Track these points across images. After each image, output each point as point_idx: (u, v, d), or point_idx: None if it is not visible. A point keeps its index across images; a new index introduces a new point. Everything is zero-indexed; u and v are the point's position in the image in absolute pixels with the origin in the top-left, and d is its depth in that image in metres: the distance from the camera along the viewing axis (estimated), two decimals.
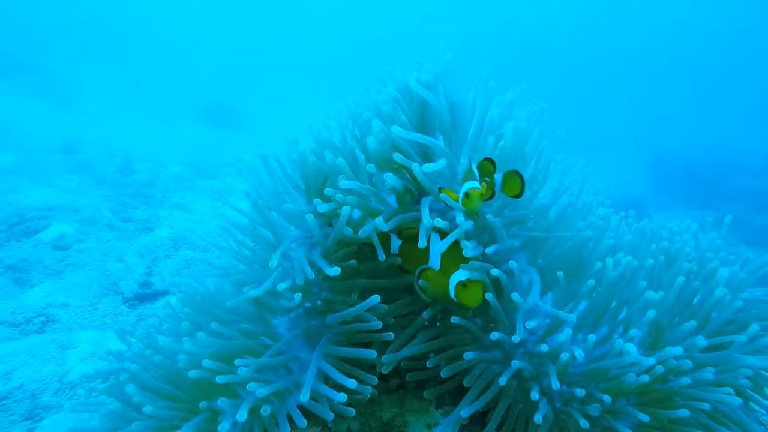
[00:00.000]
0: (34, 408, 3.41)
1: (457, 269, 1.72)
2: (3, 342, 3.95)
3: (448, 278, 1.71)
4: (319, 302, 1.79)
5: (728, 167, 14.15)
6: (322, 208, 1.77)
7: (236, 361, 1.51)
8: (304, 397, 1.56)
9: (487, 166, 1.74)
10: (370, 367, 1.81)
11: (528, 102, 2.01)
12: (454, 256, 1.75)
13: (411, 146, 1.80)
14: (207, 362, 1.45)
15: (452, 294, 1.69)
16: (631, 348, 1.52)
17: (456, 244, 1.75)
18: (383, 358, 1.81)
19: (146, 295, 4.92)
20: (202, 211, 6.61)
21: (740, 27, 28.06)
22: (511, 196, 1.73)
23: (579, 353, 1.56)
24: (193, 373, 1.45)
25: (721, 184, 13.28)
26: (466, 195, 1.66)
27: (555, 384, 1.54)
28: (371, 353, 1.76)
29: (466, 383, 1.72)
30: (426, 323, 1.87)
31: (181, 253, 5.53)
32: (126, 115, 10.78)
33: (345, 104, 1.98)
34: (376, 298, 1.74)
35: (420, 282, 1.80)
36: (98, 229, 5.86)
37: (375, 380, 1.75)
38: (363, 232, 1.76)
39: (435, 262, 1.76)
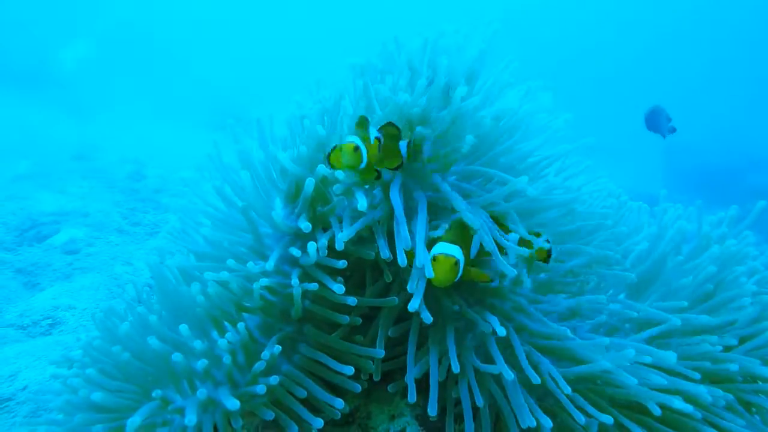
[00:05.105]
0: (37, 410, 3.41)
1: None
2: (9, 344, 3.97)
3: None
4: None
5: (747, 162, 13.81)
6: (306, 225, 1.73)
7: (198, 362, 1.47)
8: None
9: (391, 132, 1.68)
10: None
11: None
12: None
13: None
14: (177, 355, 1.42)
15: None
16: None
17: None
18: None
19: None
20: None
21: (757, 16, 27.45)
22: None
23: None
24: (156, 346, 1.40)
25: (740, 180, 12.96)
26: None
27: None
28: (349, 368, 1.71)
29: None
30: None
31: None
32: (138, 123, 10.93)
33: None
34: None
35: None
36: (108, 233, 5.91)
37: (342, 404, 1.70)
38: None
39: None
